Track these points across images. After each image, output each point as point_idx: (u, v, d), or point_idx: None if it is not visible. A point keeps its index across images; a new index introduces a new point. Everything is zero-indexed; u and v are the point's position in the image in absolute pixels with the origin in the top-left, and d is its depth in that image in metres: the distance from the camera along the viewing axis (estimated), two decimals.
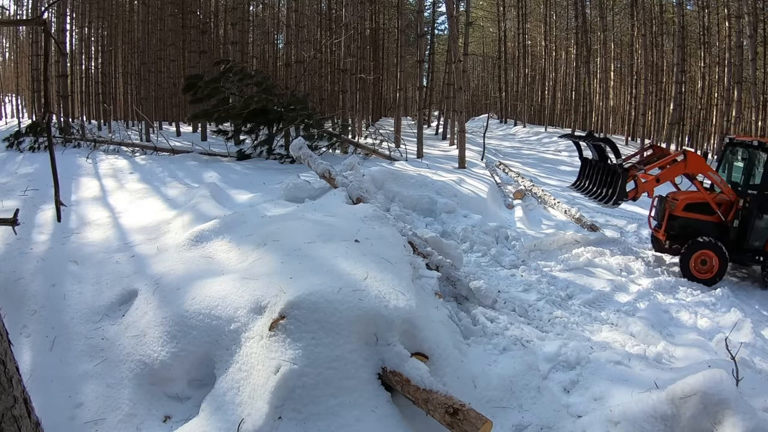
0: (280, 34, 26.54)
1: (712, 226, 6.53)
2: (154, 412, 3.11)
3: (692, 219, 6.54)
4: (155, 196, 7.18)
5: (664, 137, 21.51)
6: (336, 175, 6.67)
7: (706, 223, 6.54)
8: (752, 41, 14.99)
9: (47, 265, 4.52)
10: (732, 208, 6.50)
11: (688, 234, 6.52)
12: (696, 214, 6.55)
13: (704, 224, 6.54)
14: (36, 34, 17.05)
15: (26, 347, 3.63)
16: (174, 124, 19.96)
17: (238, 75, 11.20)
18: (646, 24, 20.37)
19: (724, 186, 6.54)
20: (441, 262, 5.09)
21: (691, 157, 6.44)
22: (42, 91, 7.37)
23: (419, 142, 13.12)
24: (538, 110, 31.69)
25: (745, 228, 6.38)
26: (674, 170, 6.49)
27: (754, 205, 6.32)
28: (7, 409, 1.84)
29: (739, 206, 6.44)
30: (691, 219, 6.54)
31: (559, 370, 3.84)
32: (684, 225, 6.56)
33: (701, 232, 6.45)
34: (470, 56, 24.46)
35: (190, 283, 3.72)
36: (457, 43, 13.88)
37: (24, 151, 11.25)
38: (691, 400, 2.77)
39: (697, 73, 23.53)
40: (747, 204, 6.38)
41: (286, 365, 2.80)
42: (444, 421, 2.66)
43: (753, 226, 6.35)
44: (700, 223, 6.55)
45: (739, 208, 6.43)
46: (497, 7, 29.29)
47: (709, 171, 6.49)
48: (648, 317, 4.94)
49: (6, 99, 31.17)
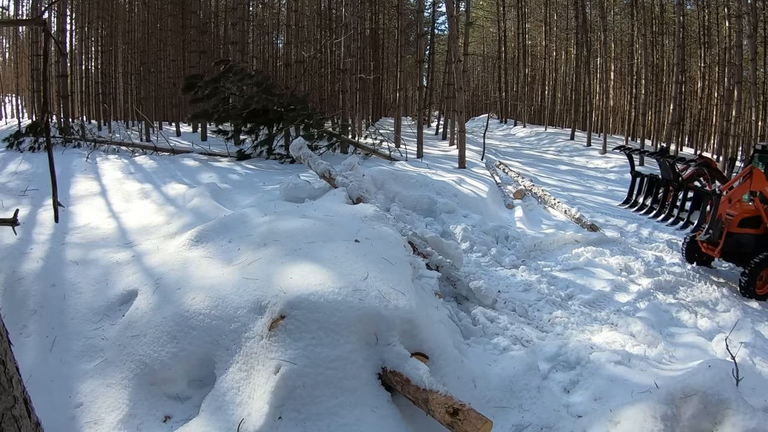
0: (280, 34, 26.54)
1: (760, 240, 6.29)
2: (154, 412, 3.11)
3: (747, 234, 6.27)
4: (155, 196, 7.18)
5: (664, 137, 21.50)
6: (336, 175, 6.67)
7: (759, 237, 6.29)
8: (752, 41, 14.98)
9: (47, 265, 4.52)
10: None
11: (743, 250, 6.24)
12: (750, 229, 6.29)
13: (758, 239, 6.28)
14: (36, 34, 17.03)
15: (26, 347, 3.63)
16: (174, 124, 19.96)
17: (238, 75, 11.21)
18: (647, 24, 20.36)
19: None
20: (441, 262, 5.09)
21: (757, 175, 6.17)
22: (42, 91, 7.37)
23: (419, 142, 13.12)
24: (538, 110, 31.68)
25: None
26: (741, 190, 6.21)
27: None
28: (7, 409, 1.85)
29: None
30: (746, 235, 6.26)
31: (559, 370, 3.85)
32: (740, 242, 6.28)
33: (755, 248, 6.19)
34: (470, 56, 24.46)
35: (190, 283, 3.72)
36: (457, 43, 13.86)
37: (24, 151, 11.25)
38: (691, 400, 2.77)
39: (697, 73, 23.54)
40: None
41: (286, 365, 2.81)
42: (444, 421, 2.66)
43: None
44: (754, 238, 6.28)
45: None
46: (497, 7, 29.29)
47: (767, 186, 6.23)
48: (648, 317, 4.94)
49: (6, 99, 31.16)
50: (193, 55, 16.77)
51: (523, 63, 29.20)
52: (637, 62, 22.37)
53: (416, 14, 17.64)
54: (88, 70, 22.40)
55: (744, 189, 6.20)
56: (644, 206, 6.99)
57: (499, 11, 29.07)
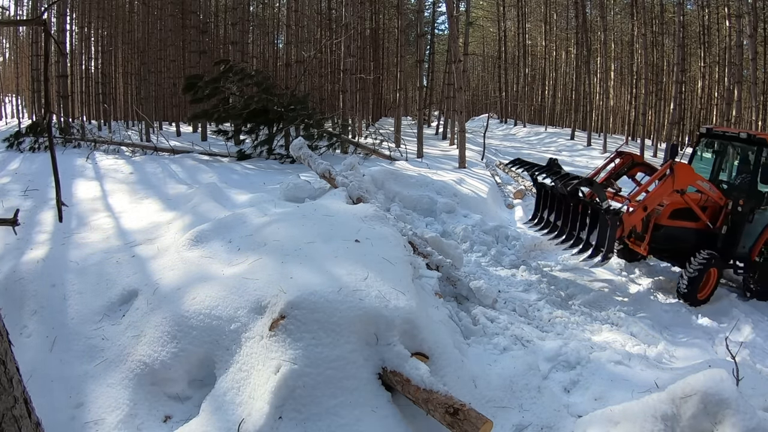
0: (280, 34, 26.54)
1: (698, 235, 5.80)
2: (155, 412, 3.11)
3: (679, 228, 5.72)
4: (155, 196, 7.18)
5: (664, 137, 21.50)
6: (336, 175, 6.67)
7: (691, 231, 5.78)
8: (752, 41, 14.98)
9: (47, 265, 4.52)
10: (721, 213, 5.79)
11: (673, 245, 5.78)
12: (682, 222, 5.74)
13: (690, 233, 5.77)
14: (36, 34, 17.03)
15: (26, 347, 3.63)
16: (174, 124, 19.96)
17: (238, 75, 11.20)
18: (647, 23, 20.35)
19: (713, 193, 5.77)
20: (441, 261, 5.10)
21: (680, 171, 5.39)
22: (42, 91, 7.37)
23: (419, 142, 13.11)
24: (538, 110, 31.69)
25: (735, 234, 5.71)
26: (661, 190, 5.39)
27: (747, 207, 5.66)
28: (8, 409, 1.85)
29: (728, 210, 5.75)
30: (678, 228, 5.72)
31: (560, 370, 3.85)
32: (673, 236, 5.72)
33: (687, 243, 5.71)
34: (470, 56, 24.47)
35: (191, 283, 3.72)
36: (457, 43, 13.87)
37: (24, 152, 11.24)
38: (691, 400, 2.77)
39: (697, 73, 23.54)
40: (740, 207, 5.68)
41: (286, 365, 2.81)
42: (444, 421, 2.66)
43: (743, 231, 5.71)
44: (686, 231, 5.75)
45: (729, 212, 5.75)
46: (497, 7, 29.29)
47: (698, 180, 5.65)
48: (648, 317, 4.94)
49: (6, 99, 31.16)
50: (193, 55, 16.77)
51: (523, 63, 29.20)
52: (637, 62, 22.39)
53: (416, 14, 17.63)
54: (88, 70, 22.39)
55: (664, 191, 5.38)
56: (549, 223, 6.01)
57: (499, 11, 29.08)
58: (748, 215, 5.71)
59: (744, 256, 5.83)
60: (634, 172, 6.48)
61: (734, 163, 6.36)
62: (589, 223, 5.41)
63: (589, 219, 5.42)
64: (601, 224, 5.25)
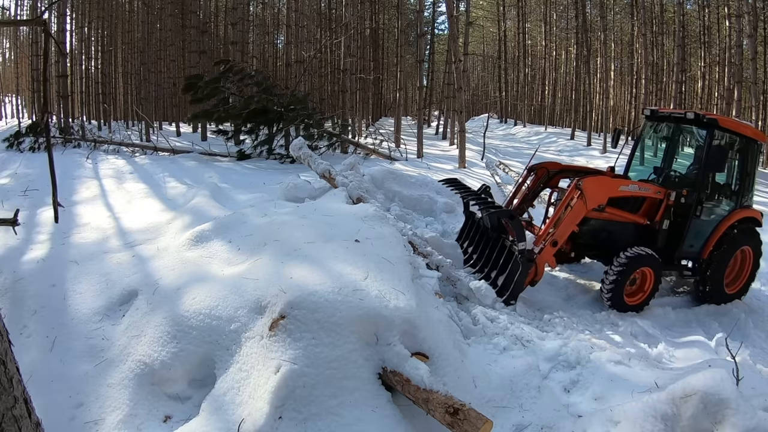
0: (280, 34, 26.54)
1: (635, 231, 5.15)
2: (155, 412, 3.11)
3: (610, 222, 5.02)
4: (155, 196, 7.18)
5: None
6: (336, 175, 6.67)
7: (627, 226, 5.12)
8: (752, 40, 14.98)
9: (47, 265, 4.52)
10: (660, 207, 5.10)
11: (603, 242, 5.15)
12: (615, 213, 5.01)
13: (624, 228, 5.11)
14: (36, 34, 17.05)
15: (26, 347, 3.63)
16: (174, 124, 19.96)
17: (238, 75, 11.22)
18: (647, 23, 20.36)
19: (646, 191, 5.14)
20: (441, 261, 5.09)
21: (589, 189, 4.70)
22: (42, 91, 7.38)
23: (419, 142, 13.12)
24: (538, 110, 31.69)
25: (680, 229, 5.07)
26: (574, 216, 4.75)
27: (691, 199, 4.98)
28: (8, 409, 1.85)
29: (670, 202, 5.04)
30: (608, 222, 5.02)
31: (560, 370, 3.84)
32: (600, 230, 5.09)
33: (620, 240, 5.03)
34: (470, 56, 24.46)
35: (191, 283, 3.72)
36: (457, 42, 13.88)
37: (24, 152, 11.26)
38: (691, 400, 2.77)
39: (697, 73, 23.53)
40: (684, 198, 4.99)
41: (286, 365, 2.81)
42: (444, 420, 2.66)
43: (690, 226, 5.06)
44: (619, 226, 5.09)
45: (671, 205, 5.05)
46: (497, 7, 29.31)
47: (620, 187, 4.98)
48: (648, 317, 4.94)
49: (6, 99, 31.18)
50: (193, 55, 16.77)
51: (523, 63, 29.22)
52: (637, 62, 22.39)
53: (416, 14, 17.64)
54: (88, 70, 22.41)
55: (575, 217, 4.77)
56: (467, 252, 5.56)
57: (499, 11, 29.09)
58: (694, 208, 5.02)
59: (693, 255, 5.25)
60: (555, 182, 5.82)
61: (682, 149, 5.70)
62: (501, 262, 4.94)
63: (503, 258, 4.94)
64: (512, 266, 4.78)
